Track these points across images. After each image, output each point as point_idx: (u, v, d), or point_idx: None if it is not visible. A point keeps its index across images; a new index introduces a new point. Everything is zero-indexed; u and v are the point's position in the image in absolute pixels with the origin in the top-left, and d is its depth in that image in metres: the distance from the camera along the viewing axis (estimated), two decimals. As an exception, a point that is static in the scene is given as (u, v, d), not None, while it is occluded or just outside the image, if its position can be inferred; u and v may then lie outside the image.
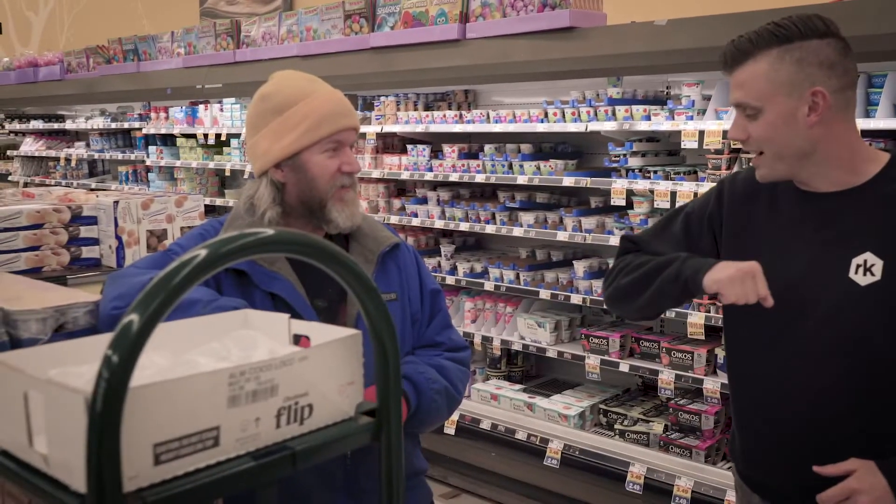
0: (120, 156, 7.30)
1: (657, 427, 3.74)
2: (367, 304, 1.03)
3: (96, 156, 7.61)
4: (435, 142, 4.88)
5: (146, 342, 0.83)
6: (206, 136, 6.15)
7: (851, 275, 1.63)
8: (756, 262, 1.63)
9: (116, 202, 2.53)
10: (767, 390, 1.76)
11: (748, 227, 1.79)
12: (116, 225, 2.52)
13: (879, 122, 3.13)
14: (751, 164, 1.74)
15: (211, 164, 6.19)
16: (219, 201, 6.28)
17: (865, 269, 1.62)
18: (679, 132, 3.62)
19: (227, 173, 6.20)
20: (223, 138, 6.06)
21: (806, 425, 1.71)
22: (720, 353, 3.57)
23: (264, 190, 1.79)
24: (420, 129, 4.66)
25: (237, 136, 5.93)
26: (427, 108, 4.94)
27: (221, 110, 6.06)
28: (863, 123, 3.13)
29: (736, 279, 1.60)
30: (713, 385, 3.53)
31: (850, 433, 1.68)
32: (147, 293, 0.85)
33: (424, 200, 4.78)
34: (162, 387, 0.87)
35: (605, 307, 3.97)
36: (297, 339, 1.20)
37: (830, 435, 1.69)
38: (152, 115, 6.76)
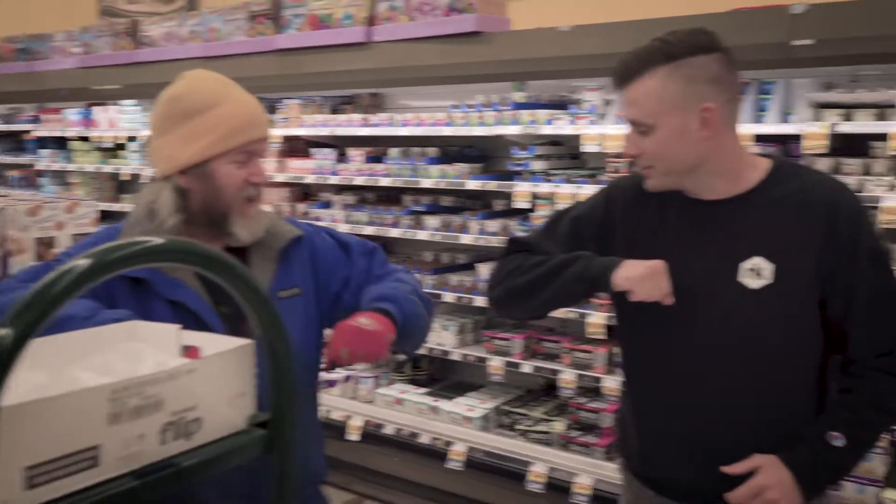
0: (9, 160, 6.97)
1: (558, 426, 3.80)
2: (260, 316, 1.01)
3: (-16, 159, 7.25)
4: (340, 145, 4.83)
5: (18, 359, 0.79)
6: (102, 138, 5.94)
7: (740, 278, 1.67)
8: (662, 261, 1.67)
9: (1, 208, 2.41)
10: (666, 392, 1.79)
11: (639, 233, 1.81)
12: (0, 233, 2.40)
13: (770, 128, 3.26)
14: (640, 172, 1.76)
15: (107, 169, 5.97)
16: (115, 207, 6.06)
17: (756, 272, 1.66)
18: (581, 136, 3.69)
19: (126, 177, 5.99)
20: (121, 141, 5.86)
21: (704, 426, 1.75)
22: (618, 352, 3.64)
23: (167, 196, 1.71)
24: (325, 132, 4.62)
25: (136, 139, 5.74)
26: (333, 111, 4.90)
27: (119, 112, 5.86)
28: (754, 128, 3.25)
29: (646, 276, 1.66)
30: (612, 383, 3.61)
31: (748, 433, 1.72)
32: (22, 305, 0.80)
33: (329, 205, 4.74)
34: (36, 406, 0.83)
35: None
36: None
37: (728, 435, 1.73)
38: (44, 116, 6.48)
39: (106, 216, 6.07)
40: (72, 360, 1.06)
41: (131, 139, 5.80)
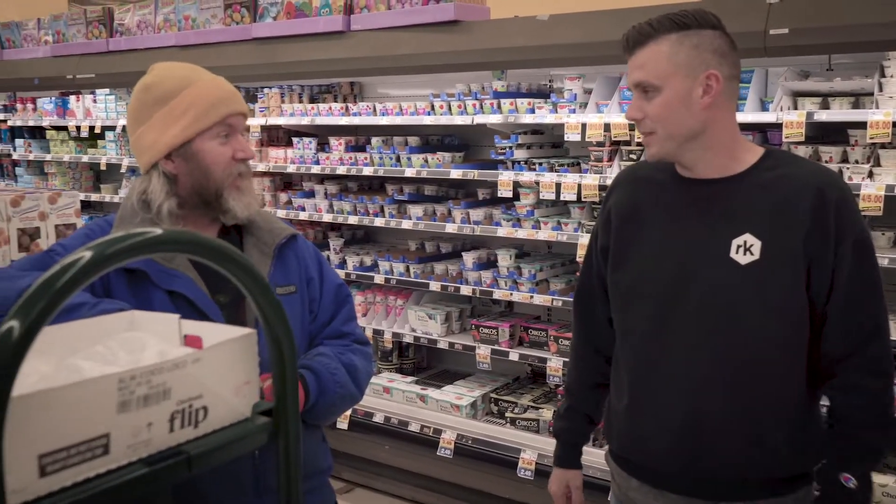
0: (-17, 149, 6.88)
1: (546, 413, 3.83)
2: (261, 303, 1.01)
3: (-44, 150, 7.15)
4: (321, 134, 4.82)
5: (28, 350, 0.79)
6: (78, 128, 5.88)
7: (732, 254, 1.72)
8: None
9: (-17, 199, 2.38)
10: (653, 372, 1.81)
11: (634, 217, 1.87)
12: (-16, 224, 2.38)
13: (748, 116, 3.30)
14: (642, 142, 1.83)
15: (84, 158, 5.92)
16: (94, 196, 6.02)
17: (745, 248, 1.71)
18: (563, 125, 3.71)
19: (103, 167, 5.94)
20: (97, 131, 5.81)
21: (691, 405, 1.76)
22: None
23: (156, 183, 1.72)
24: (306, 121, 4.60)
25: (112, 128, 5.69)
26: (312, 100, 4.88)
27: (95, 101, 5.81)
28: (733, 117, 3.28)
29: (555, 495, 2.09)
30: (598, 370, 3.63)
31: (734, 411, 1.74)
32: (28, 297, 0.81)
33: (312, 194, 4.73)
34: (47, 395, 0.83)
35: (493, 299, 4.04)
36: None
37: (715, 414, 1.75)
38: (18, 106, 6.40)
39: (85, 206, 6.04)
40: (73, 350, 1.06)
41: (108, 128, 5.74)
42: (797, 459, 1.79)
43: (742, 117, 3.29)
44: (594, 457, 3.59)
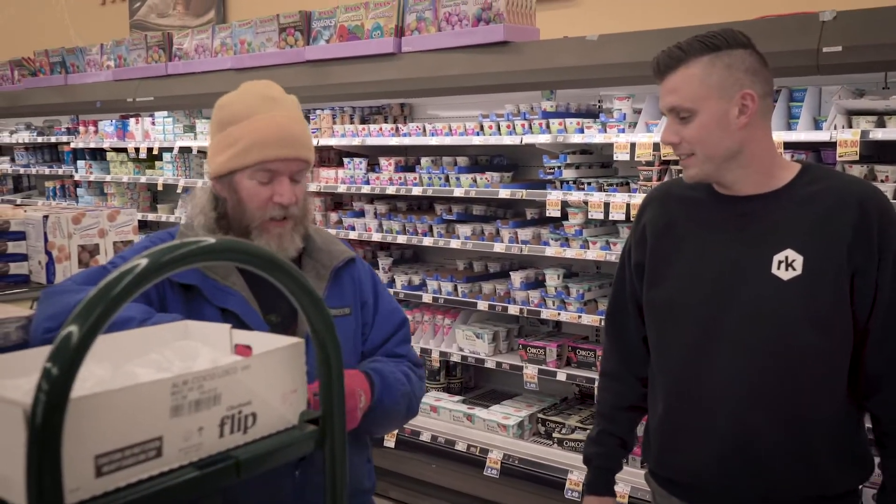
0: (47, 171, 7.11)
1: (594, 434, 3.80)
2: (311, 313, 1.04)
3: (21, 171, 7.39)
4: (371, 155, 4.88)
5: (86, 354, 0.82)
6: (137, 150, 6.05)
7: (774, 270, 1.71)
8: None
9: (46, 217, 2.47)
10: (694, 390, 1.79)
11: (671, 234, 1.86)
12: (46, 240, 2.46)
13: (801, 135, 3.25)
14: (679, 164, 1.83)
15: (142, 179, 6.08)
16: (151, 216, 6.17)
17: (787, 264, 1.70)
18: (612, 144, 3.70)
19: (160, 188, 6.10)
20: (155, 152, 5.96)
21: (736, 423, 1.74)
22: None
23: (204, 195, 1.79)
24: (356, 142, 4.67)
25: (169, 149, 5.84)
26: (363, 121, 4.95)
27: (153, 124, 5.97)
28: (785, 136, 3.25)
29: None
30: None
31: (780, 428, 1.72)
32: (87, 304, 0.84)
33: (361, 213, 4.78)
34: (104, 397, 0.86)
35: (541, 319, 4.03)
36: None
37: (761, 431, 1.73)
38: (81, 128, 6.61)
39: (142, 226, 6.20)
40: (129, 357, 1.10)
41: (165, 150, 5.89)
42: (845, 476, 1.76)
43: (795, 136, 3.25)
44: (642, 479, 3.55)
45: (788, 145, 3.25)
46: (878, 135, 3.08)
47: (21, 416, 0.81)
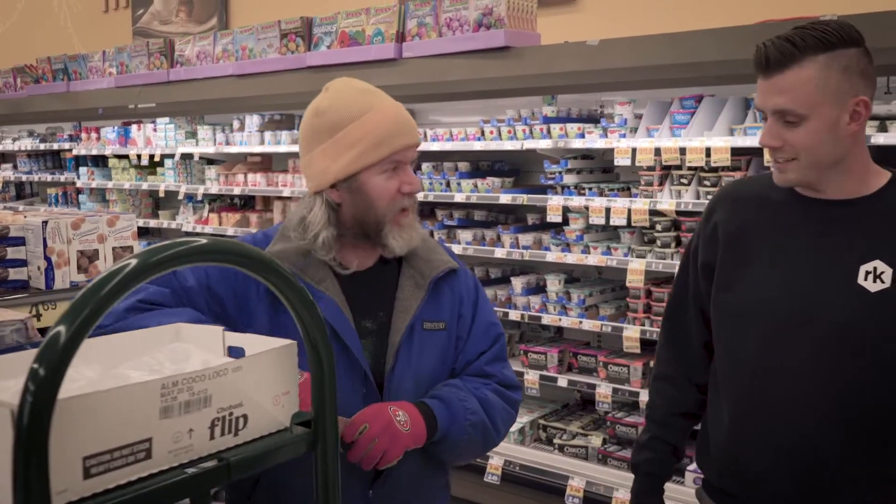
0: (49, 177, 7.12)
1: (595, 440, 3.79)
2: (303, 317, 1.03)
3: (24, 178, 7.41)
4: (373, 161, 4.87)
5: (74, 354, 0.82)
6: (139, 156, 6.05)
7: (860, 281, 1.61)
8: None
9: (45, 222, 2.47)
10: (766, 402, 1.69)
11: (746, 235, 1.75)
12: (45, 245, 2.46)
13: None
14: (773, 167, 1.70)
15: (144, 186, 6.08)
16: (152, 223, 6.17)
17: (875, 276, 1.60)
18: (612, 150, 3.70)
19: (161, 194, 6.10)
20: (157, 159, 5.97)
21: (811, 439, 1.65)
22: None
23: (318, 210, 1.69)
24: (357, 148, 4.66)
25: (171, 156, 5.85)
26: (364, 127, 4.95)
27: (155, 130, 5.97)
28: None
29: None
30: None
31: (858, 447, 1.63)
32: (75, 304, 0.84)
33: (363, 219, 4.77)
34: (92, 398, 0.86)
35: (542, 324, 4.02)
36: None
37: (838, 449, 1.63)
38: (83, 135, 6.62)
39: (144, 232, 6.20)
40: (121, 360, 1.09)
41: (167, 156, 5.90)
42: None
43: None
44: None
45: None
46: (881, 139, 3.07)
47: (8, 417, 0.80)
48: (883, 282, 1.60)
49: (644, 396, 3.60)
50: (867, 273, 1.61)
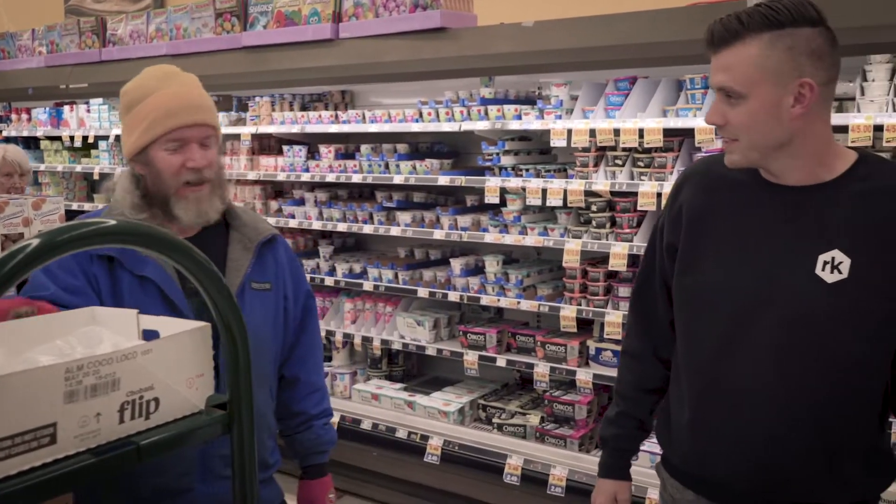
0: (-22, 160, 6.89)
1: (533, 419, 3.84)
2: (213, 295, 1.02)
3: (-49, 160, 7.15)
4: (311, 142, 4.84)
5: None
6: (72, 138, 5.90)
7: (818, 271, 1.59)
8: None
9: (-35, 205, 2.39)
10: (723, 388, 1.70)
11: (708, 218, 1.73)
12: (-34, 229, 2.38)
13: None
14: (722, 146, 1.68)
15: (78, 168, 5.93)
16: (87, 206, 6.02)
17: (833, 266, 1.57)
18: (549, 131, 3.72)
19: (96, 177, 5.95)
20: (90, 140, 5.82)
21: (766, 426, 1.66)
22: (592, 345, 3.68)
23: (124, 178, 1.88)
24: (296, 129, 4.62)
25: (105, 137, 5.71)
26: (303, 108, 4.90)
27: (88, 111, 5.82)
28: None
29: None
30: (586, 376, 3.64)
31: (812, 434, 1.64)
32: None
33: (302, 202, 4.74)
34: (-9, 383, 0.84)
35: (482, 305, 4.05)
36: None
37: (792, 436, 1.64)
38: (13, 116, 6.42)
39: (75, 215, 6.06)
40: (31, 344, 1.07)
41: (101, 138, 5.76)
42: (870, 485, 1.70)
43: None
44: (581, 462, 3.59)
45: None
46: (836, 119, 3.12)
47: None
48: (840, 272, 1.57)
49: (581, 375, 3.66)
50: (825, 263, 1.58)
